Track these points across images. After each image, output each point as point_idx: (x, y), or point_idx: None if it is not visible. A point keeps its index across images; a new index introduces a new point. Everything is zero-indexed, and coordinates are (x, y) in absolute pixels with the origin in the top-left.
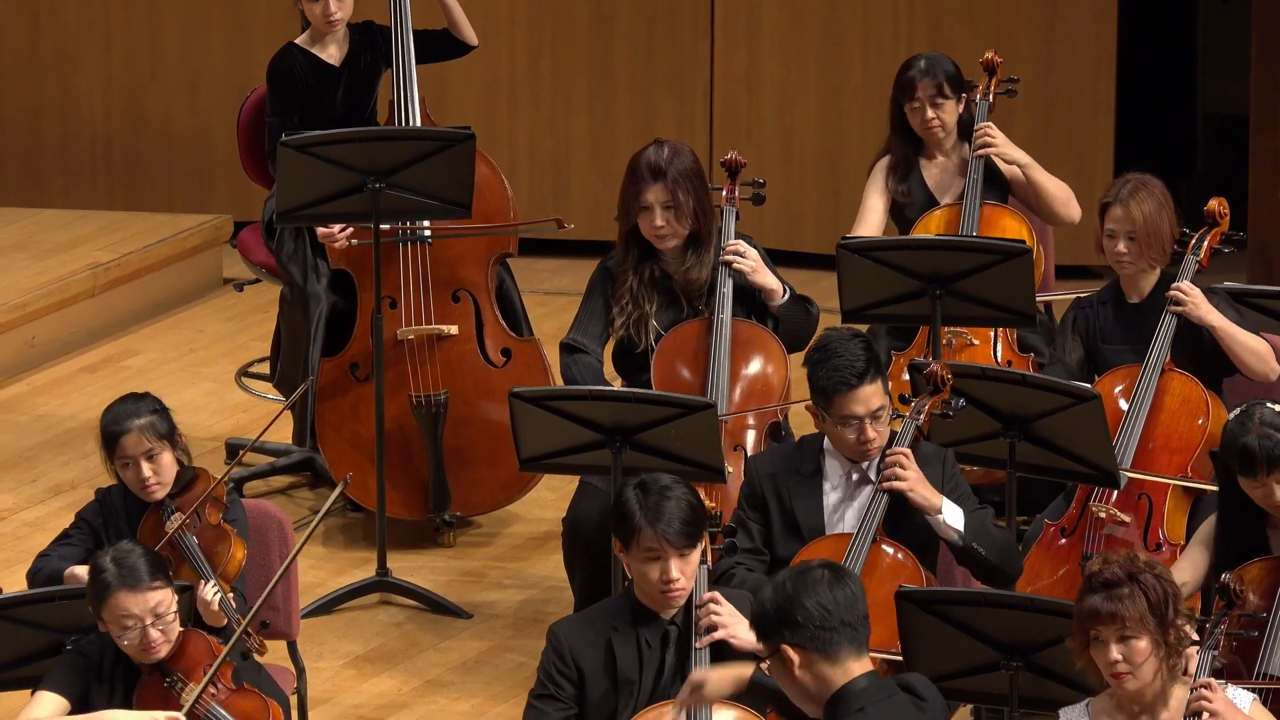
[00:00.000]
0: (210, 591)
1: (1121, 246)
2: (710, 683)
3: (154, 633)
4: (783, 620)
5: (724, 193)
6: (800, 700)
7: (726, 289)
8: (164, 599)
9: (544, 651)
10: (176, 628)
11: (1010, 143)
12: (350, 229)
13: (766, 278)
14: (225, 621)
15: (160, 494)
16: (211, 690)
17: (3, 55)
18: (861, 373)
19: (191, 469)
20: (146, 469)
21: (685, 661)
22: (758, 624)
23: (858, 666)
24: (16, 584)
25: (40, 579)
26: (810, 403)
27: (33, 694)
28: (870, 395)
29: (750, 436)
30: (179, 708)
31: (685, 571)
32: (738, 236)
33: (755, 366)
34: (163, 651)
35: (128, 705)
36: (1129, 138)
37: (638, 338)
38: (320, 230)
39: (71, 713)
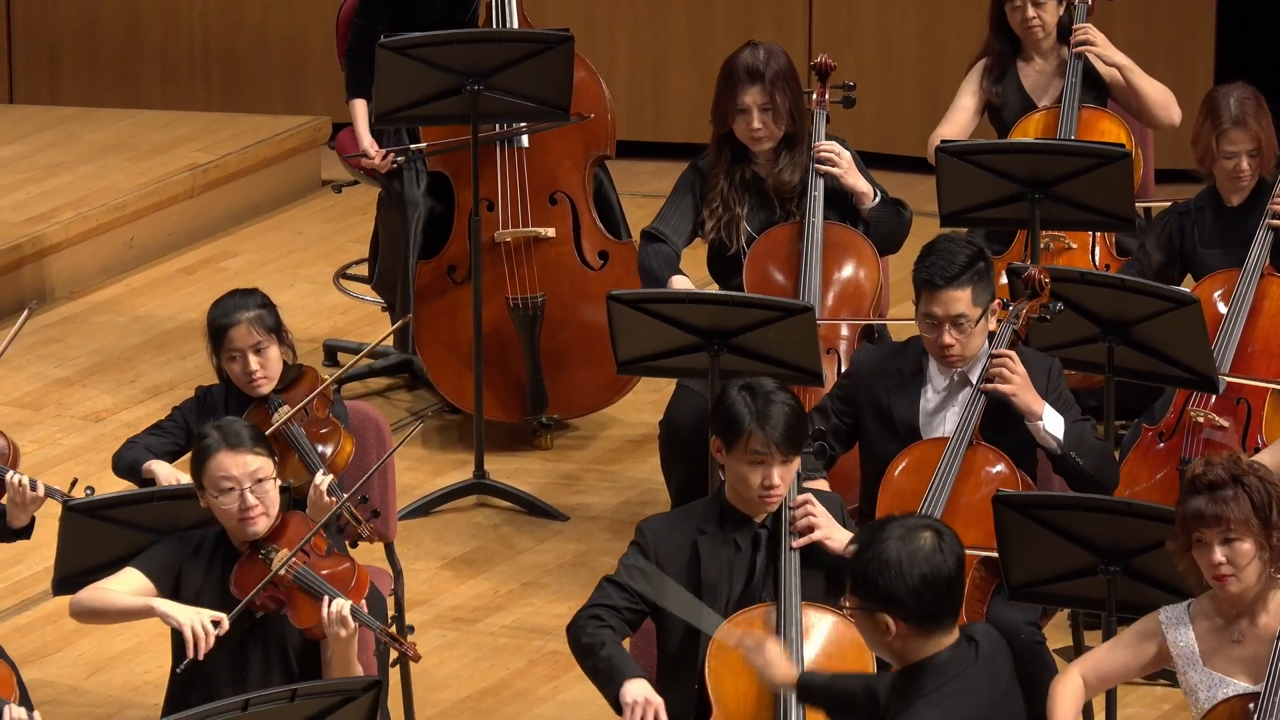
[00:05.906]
0: (322, 479)
1: (1245, 165)
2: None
3: (251, 498)
4: (889, 594)
5: (814, 96)
6: (880, 652)
7: (818, 192)
8: (264, 466)
9: (630, 543)
10: (276, 500)
11: (1110, 44)
12: (388, 154)
13: (857, 180)
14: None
15: (266, 388)
16: (303, 559)
17: None
18: (951, 276)
19: (297, 366)
20: (254, 362)
21: (775, 564)
22: (856, 580)
23: (947, 639)
24: (114, 485)
25: (123, 465)
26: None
27: None
28: (953, 300)
29: (844, 340)
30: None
31: (785, 478)
32: (830, 138)
33: (847, 270)
34: (260, 524)
35: (224, 585)
36: (1230, 42)
37: (729, 240)
38: (364, 161)
39: (159, 594)
